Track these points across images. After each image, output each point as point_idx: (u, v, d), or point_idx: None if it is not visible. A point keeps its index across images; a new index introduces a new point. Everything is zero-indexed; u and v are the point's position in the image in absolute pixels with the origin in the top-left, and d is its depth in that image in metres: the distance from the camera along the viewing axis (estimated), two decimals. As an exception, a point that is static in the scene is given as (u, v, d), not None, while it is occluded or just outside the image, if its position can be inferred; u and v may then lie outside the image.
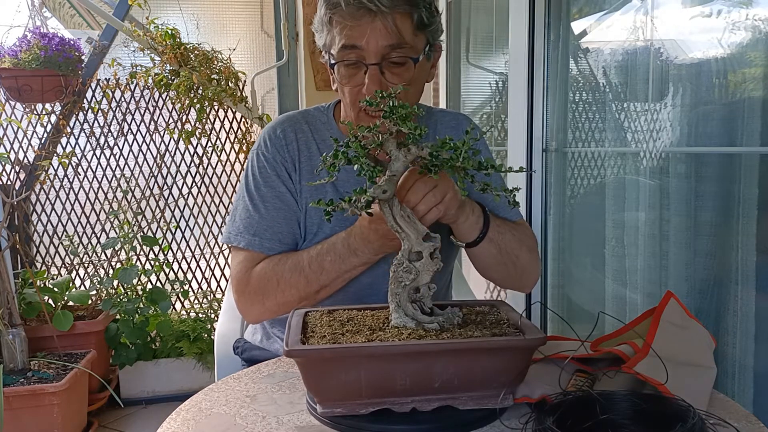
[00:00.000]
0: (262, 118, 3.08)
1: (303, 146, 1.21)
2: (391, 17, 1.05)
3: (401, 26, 1.06)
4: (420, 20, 1.08)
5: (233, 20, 3.37)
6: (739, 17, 1.31)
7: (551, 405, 0.76)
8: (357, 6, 1.05)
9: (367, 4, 1.04)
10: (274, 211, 1.18)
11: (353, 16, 1.05)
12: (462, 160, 0.82)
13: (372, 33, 1.05)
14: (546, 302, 1.99)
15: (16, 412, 2.27)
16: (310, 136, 1.23)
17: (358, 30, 1.06)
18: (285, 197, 1.19)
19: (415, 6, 1.08)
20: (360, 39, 1.06)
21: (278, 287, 1.12)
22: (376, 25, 1.05)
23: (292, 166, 1.20)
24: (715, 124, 1.38)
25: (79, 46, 2.86)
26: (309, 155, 1.21)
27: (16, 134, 2.96)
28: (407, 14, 1.07)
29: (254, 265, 1.16)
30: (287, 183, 1.19)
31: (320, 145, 1.22)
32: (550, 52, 1.89)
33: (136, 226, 3.09)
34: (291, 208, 1.18)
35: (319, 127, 1.24)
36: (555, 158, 1.92)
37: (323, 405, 0.81)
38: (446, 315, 0.87)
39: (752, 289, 1.26)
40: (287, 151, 1.20)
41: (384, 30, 1.05)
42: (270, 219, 1.17)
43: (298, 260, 1.12)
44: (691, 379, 0.85)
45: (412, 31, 1.08)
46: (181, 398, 0.96)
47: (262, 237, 1.16)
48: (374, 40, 1.06)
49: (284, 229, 1.17)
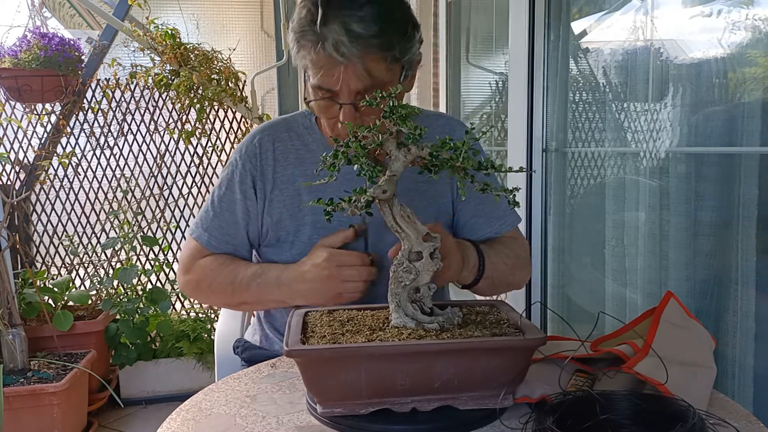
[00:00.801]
0: (262, 118, 3.08)
1: (280, 155, 1.22)
2: (362, 64, 1.02)
3: (374, 69, 1.03)
4: (393, 58, 1.05)
5: (233, 20, 3.37)
6: (739, 17, 1.31)
7: (551, 405, 0.76)
8: (327, 55, 1.01)
9: (336, 56, 1.01)
10: (227, 213, 1.23)
11: (323, 65, 1.03)
12: (462, 160, 0.82)
13: (344, 79, 1.03)
14: (546, 302, 1.99)
15: (16, 412, 2.27)
16: (290, 144, 1.23)
17: (329, 77, 1.03)
18: (238, 205, 1.22)
19: (389, 49, 1.04)
20: (333, 84, 1.04)
21: (209, 288, 1.21)
22: (348, 73, 1.02)
23: (261, 176, 1.21)
24: (715, 124, 1.38)
25: (79, 46, 2.86)
26: (286, 164, 1.21)
27: (16, 134, 2.96)
28: (380, 58, 1.04)
29: (200, 257, 1.23)
30: (247, 192, 1.21)
31: (301, 150, 1.22)
32: (550, 52, 1.89)
33: (136, 226, 3.09)
34: (242, 217, 1.22)
35: (301, 132, 1.25)
36: (555, 158, 1.92)
37: (323, 405, 0.81)
38: (446, 315, 0.87)
39: (752, 289, 1.26)
40: (259, 161, 1.22)
41: (355, 77, 1.03)
42: (221, 220, 1.23)
43: (235, 272, 1.18)
44: (691, 379, 0.85)
45: (384, 69, 1.05)
46: (181, 398, 0.96)
47: (211, 235, 1.22)
48: (347, 85, 1.03)
49: (233, 233, 1.23)
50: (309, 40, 1.03)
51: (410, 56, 1.10)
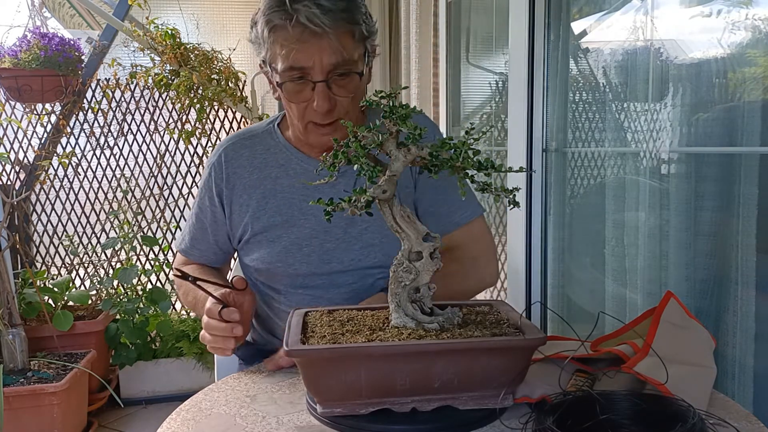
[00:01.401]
0: (262, 118, 3.08)
1: (246, 162, 1.27)
2: (335, 36, 1.07)
3: (344, 43, 1.09)
4: (360, 35, 1.12)
5: (233, 20, 3.37)
6: (739, 17, 1.31)
7: (551, 405, 0.76)
8: (301, 29, 1.06)
9: (311, 26, 1.05)
10: (198, 223, 1.31)
11: (298, 39, 1.07)
12: (462, 160, 0.82)
13: (317, 53, 1.07)
14: (546, 302, 1.99)
15: (16, 412, 2.27)
16: (253, 149, 1.28)
17: (303, 53, 1.07)
18: (208, 214, 1.29)
19: (356, 23, 1.11)
20: (306, 60, 1.08)
21: (184, 298, 1.30)
22: (322, 45, 1.07)
23: (227, 184, 1.26)
24: (715, 124, 1.38)
25: (79, 46, 2.86)
26: (252, 169, 1.26)
27: (16, 134, 2.96)
28: (348, 32, 1.10)
29: (184, 264, 1.34)
30: (213, 200, 1.27)
31: (264, 155, 1.27)
32: (550, 52, 1.89)
33: (136, 226, 3.09)
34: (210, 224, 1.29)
35: (264, 137, 1.29)
36: (555, 158, 1.92)
37: (323, 405, 0.81)
38: (446, 315, 0.87)
39: (752, 289, 1.26)
40: (224, 171, 1.27)
41: (329, 49, 1.07)
42: (195, 231, 1.32)
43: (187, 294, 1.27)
44: (691, 379, 0.85)
45: (353, 46, 1.11)
46: (181, 398, 0.96)
47: (189, 244, 1.33)
48: (320, 60, 1.08)
49: (204, 239, 1.31)
50: (281, 18, 1.07)
51: (372, 37, 1.16)
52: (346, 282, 1.21)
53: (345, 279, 1.21)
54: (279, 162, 1.25)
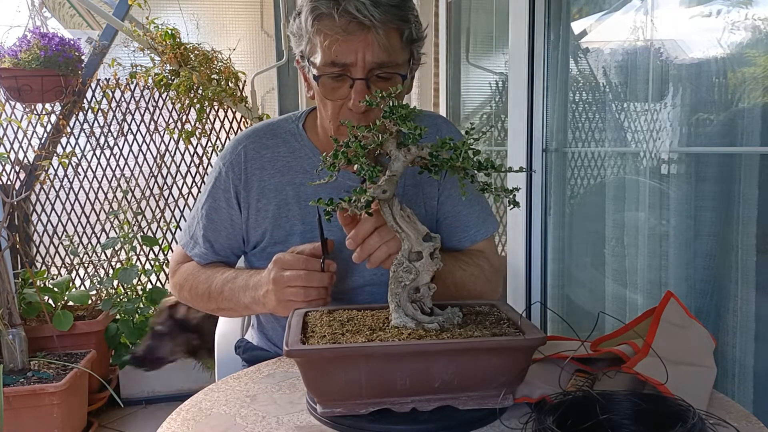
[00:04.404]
0: (262, 118, 3.08)
1: (267, 163, 1.19)
2: (383, 31, 1.01)
3: (391, 41, 1.03)
4: (409, 36, 1.06)
5: (233, 20, 3.37)
6: (739, 17, 1.31)
7: (551, 405, 0.76)
8: (348, 19, 0.99)
9: (359, 17, 0.99)
10: (210, 221, 1.22)
11: (344, 30, 1.00)
12: (462, 160, 0.82)
13: (362, 48, 1.01)
14: (546, 302, 1.99)
15: (16, 412, 2.27)
16: (276, 151, 1.20)
17: (347, 45, 1.01)
18: (221, 213, 1.21)
19: (406, 21, 1.05)
20: (348, 56, 1.01)
21: (190, 293, 1.23)
22: (368, 39, 1.00)
23: (244, 186, 1.19)
24: (715, 124, 1.38)
25: (79, 46, 2.86)
26: (273, 171, 1.19)
27: (16, 134, 2.96)
28: (396, 29, 1.04)
29: (184, 261, 1.27)
30: (230, 201, 1.20)
31: (288, 158, 1.19)
32: (550, 52, 1.89)
33: (136, 226, 3.09)
34: (225, 225, 1.21)
35: (288, 138, 1.21)
36: (555, 158, 1.92)
37: (323, 405, 0.81)
38: (446, 315, 0.87)
39: (752, 289, 1.26)
40: (243, 170, 1.19)
41: (375, 45, 1.01)
42: (206, 230, 1.23)
43: (212, 277, 1.18)
44: (691, 379, 0.85)
45: (400, 47, 1.05)
46: (181, 398, 0.96)
47: (196, 242, 1.24)
48: (363, 56, 1.01)
49: (215, 239, 1.23)
50: (328, 6, 1.01)
51: (419, 42, 1.10)
52: (365, 300, 1.16)
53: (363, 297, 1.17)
54: (304, 168, 1.18)
